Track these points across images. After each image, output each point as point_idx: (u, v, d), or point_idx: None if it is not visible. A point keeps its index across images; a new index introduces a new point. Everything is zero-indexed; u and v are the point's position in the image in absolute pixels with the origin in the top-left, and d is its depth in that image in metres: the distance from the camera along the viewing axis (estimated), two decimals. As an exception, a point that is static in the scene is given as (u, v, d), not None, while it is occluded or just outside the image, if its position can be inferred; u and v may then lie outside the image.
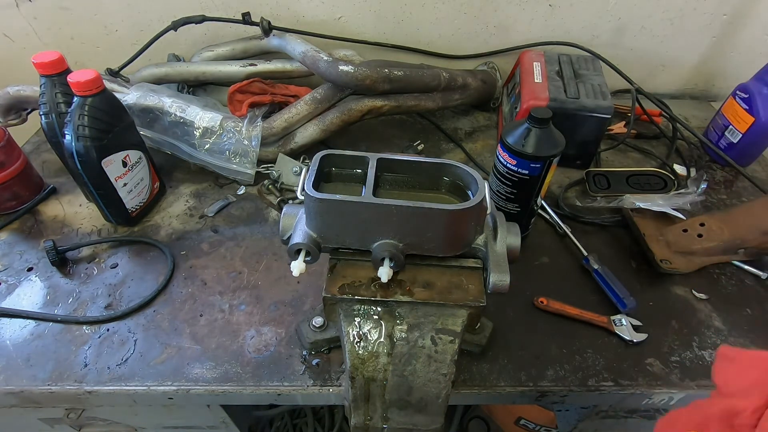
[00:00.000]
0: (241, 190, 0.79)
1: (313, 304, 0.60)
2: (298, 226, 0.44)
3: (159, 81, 0.86)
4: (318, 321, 0.54)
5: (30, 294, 0.61)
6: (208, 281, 0.63)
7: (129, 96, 0.75)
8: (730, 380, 0.35)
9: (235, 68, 0.86)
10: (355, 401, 0.45)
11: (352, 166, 0.46)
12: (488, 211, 0.45)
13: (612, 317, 0.58)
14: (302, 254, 0.43)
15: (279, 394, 0.52)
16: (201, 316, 0.59)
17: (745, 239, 0.63)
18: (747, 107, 0.79)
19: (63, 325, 0.58)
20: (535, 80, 0.81)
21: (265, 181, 0.78)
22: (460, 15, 0.94)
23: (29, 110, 0.81)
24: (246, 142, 0.75)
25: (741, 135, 0.81)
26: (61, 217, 0.73)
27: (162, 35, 0.85)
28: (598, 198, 0.75)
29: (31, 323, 0.58)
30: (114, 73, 0.84)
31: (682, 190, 0.75)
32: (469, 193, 0.45)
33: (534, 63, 0.85)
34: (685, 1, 0.91)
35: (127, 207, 0.69)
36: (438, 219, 0.40)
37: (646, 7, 0.92)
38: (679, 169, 0.84)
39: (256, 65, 0.87)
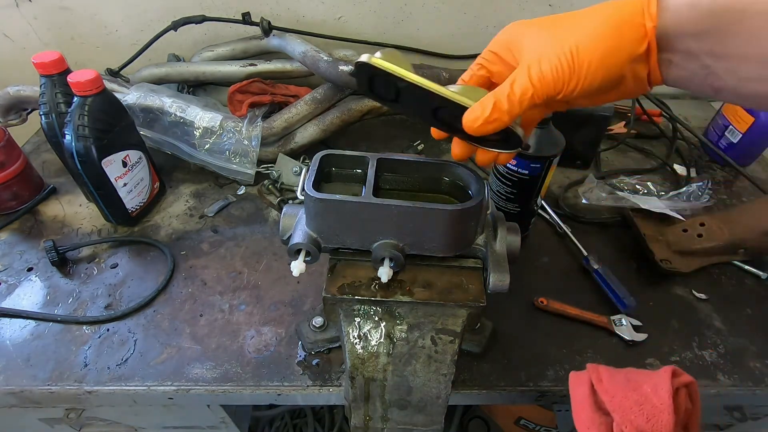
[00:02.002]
0: (241, 190, 0.79)
1: (313, 304, 0.60)
2: (298, 226, 0.44)
3: (159, 81, 0.86)
4: (318, 321, 0.54)
5: (30, 294, 0.61)
6: (208, 281, 0.63)
7: (129, 96, 0.75)
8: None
9: (235, 68, 0.86)
10: (355, 401, 0.45)
11: (352, 166, 0.46)
12: (488, 211, 0.45)
13: (612, 317, 0.58)
14: (302, 254, 0.43)
15: (279, 394, 0.52)
16: (201, 316, 0.59)
17: (745, 239, 0.63)
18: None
19: (63, 325, 0.58)
20: (535, 80, 0.81)
21: (265, 181, 0.78)
22: (460, 15, 0.94)
23: (29, 110, 0.81)
24: (246, 142, 0.75)
25: (741, 135, 0.81)
26: (61, 217, 0.73)
27: (162, 35, 0.85)
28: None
29: (31, 323, 0.58)
30: (114, 73, 0.84)
31: (683, 190, 0.75)
32: (469, 193, 0.45)
33: (534, 63, 0.85)
34: (685, 1, 0.91)
35: (127, 207, 0.69)
36: (438, 219, 0.40)
37: (646, 7, 0.92)
38: (679, 169, 0.84)
39: (256, 65, 0.87)
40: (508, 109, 0.33)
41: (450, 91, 0.36)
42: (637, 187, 0.79)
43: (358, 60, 0.37)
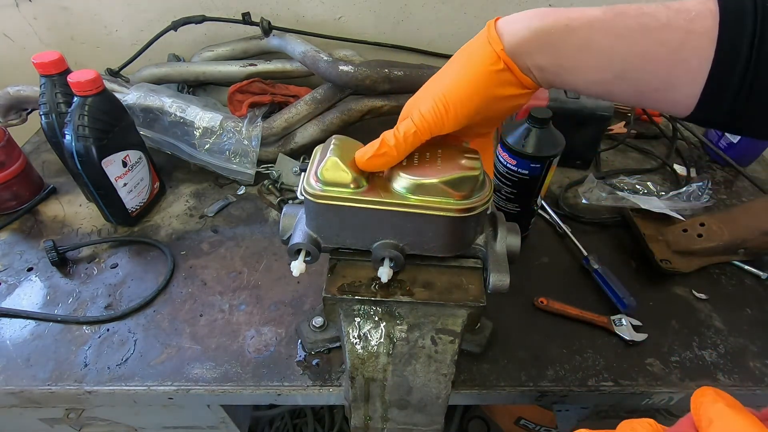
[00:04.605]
0: (241, 190, 0.79)
1: (313, 304, 0.60)
2: (298, 226, 0.44)
3: (159, 81, 0.86)
4: (318, 321, 0.54)
5: (30, 294, 0.61)
6: (208, 281, 0.63)
7: (129, 96, 0.75)
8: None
9: (235, 68, 0.86)
10: (355, 401, 0.45)
11: None
12: (488, 211, 0.45)
13: (612, 317, 0.58)
14: (302, 254, 0.43)
15: (279, 394, 0.52)
16: (201, 316, 0.59)
17: (745, 239, 0.63)
18: (747, 107, 0.79)
19: (63, 325, 0.58)
20: (535, 80, 0.81)
21: (265, 181, 0.78)
22: (460, 15, 0.94)
23: (29, 110, 0.81)
24: (246, 142, 0.75)
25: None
26: (61, 217, 0.73)
27: (162, 35, 0.85)
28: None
29: (31, 323, 0.58)
30: (114, 73, 0.84)
31: (683, 190, 0.75)
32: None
33: (534, 63, 0.85)
34: (685, 1, 0.91)
35: (127, 207, 0.69)
36: (438, 223, 0.40)
37: (646, 7, 0.92)
38: (679, 169, 0.84)
39: (256, 65, 0.87)
40: (395, 144, 0.37)
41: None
42: (637, 187, 0.79)
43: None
